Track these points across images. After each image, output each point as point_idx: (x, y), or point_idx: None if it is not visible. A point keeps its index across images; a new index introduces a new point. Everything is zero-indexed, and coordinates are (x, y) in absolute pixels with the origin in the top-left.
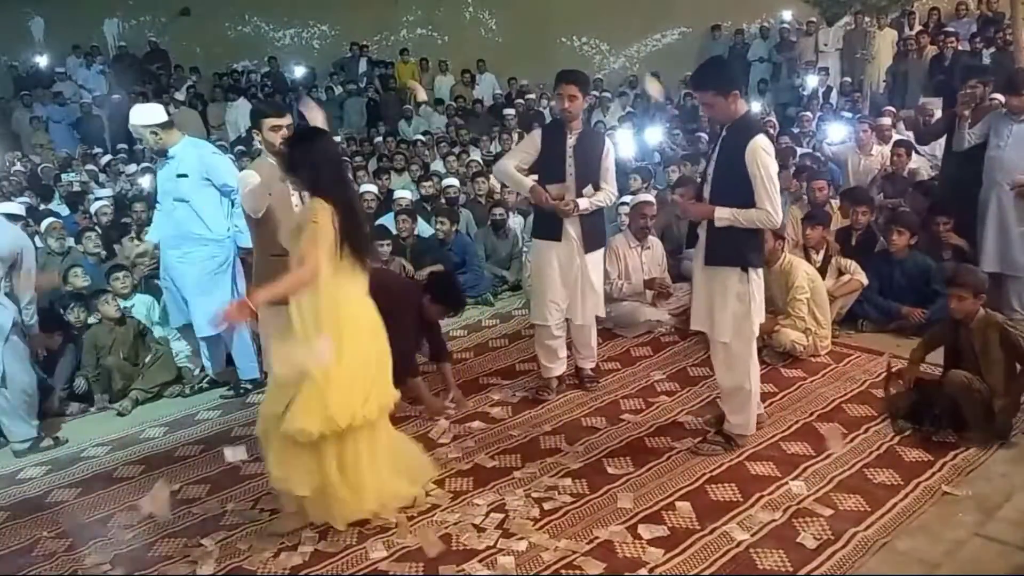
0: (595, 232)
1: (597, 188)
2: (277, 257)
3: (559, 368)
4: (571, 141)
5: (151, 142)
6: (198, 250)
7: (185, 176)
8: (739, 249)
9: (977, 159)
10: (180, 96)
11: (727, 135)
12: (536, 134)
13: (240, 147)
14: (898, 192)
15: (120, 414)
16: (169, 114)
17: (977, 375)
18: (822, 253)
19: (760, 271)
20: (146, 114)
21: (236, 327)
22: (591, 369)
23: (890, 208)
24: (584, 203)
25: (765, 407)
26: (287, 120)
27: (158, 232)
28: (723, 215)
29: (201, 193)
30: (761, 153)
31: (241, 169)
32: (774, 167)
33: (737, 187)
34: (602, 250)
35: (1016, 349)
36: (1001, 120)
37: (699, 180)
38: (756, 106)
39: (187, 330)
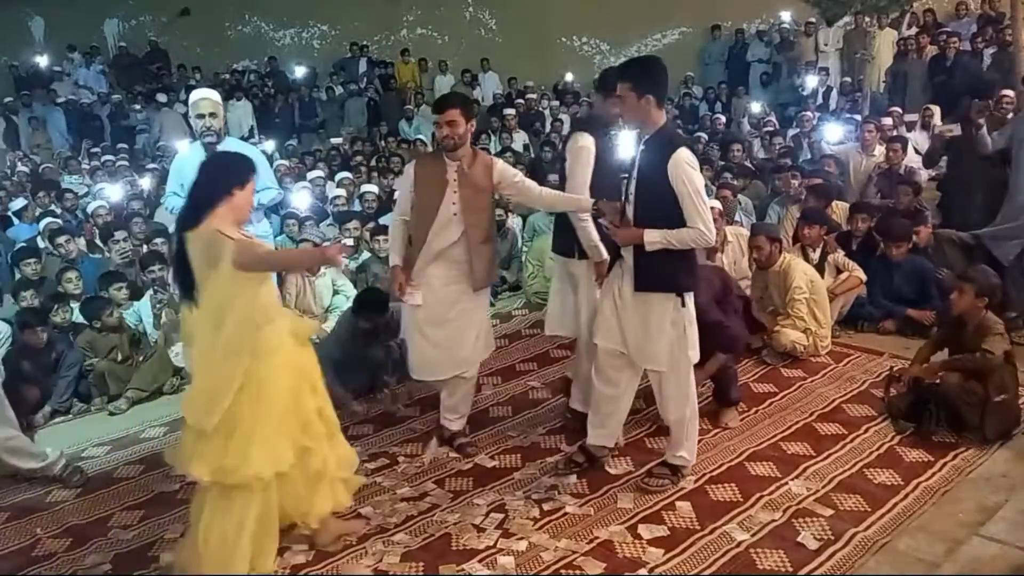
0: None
1: None
2: None
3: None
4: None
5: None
6: None
7: None
8: (671, 274)
9: (979, 166)
10: (182, 97)
11: (645, 149)
12: None
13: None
14: (893, 189)
15: (112, 413)
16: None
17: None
18: (819, 251)
19: (692, 295)
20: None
21: None
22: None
23: (888, 209)
24: None
25: (764, 407)
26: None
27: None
28: (653, 238)
29: None
30: (685, 167)
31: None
32: (700, 181)
33: (663, 206)
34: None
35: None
36: None
37: (623, 199)
38: (756, 106)
39: None
